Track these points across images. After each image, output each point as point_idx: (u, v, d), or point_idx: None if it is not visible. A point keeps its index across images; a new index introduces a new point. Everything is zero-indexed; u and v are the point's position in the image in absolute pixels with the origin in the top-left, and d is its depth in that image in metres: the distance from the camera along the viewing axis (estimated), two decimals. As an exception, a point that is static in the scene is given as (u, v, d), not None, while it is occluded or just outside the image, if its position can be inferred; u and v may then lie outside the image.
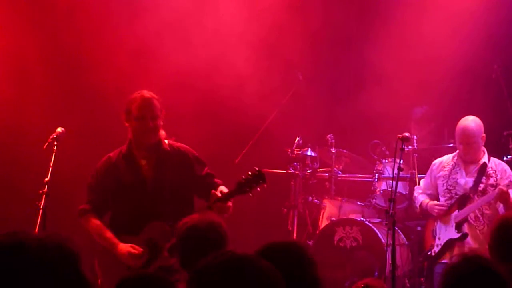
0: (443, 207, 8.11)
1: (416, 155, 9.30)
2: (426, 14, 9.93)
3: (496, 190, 7.81)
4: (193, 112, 9.60)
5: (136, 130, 6.63)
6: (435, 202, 8.22)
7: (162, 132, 6.97)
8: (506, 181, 7.90)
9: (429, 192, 8.40)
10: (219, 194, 6.45)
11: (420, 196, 8.43)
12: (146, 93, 6.66)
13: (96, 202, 6.71)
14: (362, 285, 4.80)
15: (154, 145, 6.70)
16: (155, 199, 6.60)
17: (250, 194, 6.39)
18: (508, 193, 7.73)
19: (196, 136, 9.53)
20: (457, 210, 8.04)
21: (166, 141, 6.84)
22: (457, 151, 8.24)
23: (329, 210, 9.44)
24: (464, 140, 8.09)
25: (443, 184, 8.21)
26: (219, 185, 6.73)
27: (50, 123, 7.26)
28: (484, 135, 8.08)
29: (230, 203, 6.45)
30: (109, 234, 6.58)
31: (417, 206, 8.47)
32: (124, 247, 6.48)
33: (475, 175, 8.09)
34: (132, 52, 9.65)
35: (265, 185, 6.35)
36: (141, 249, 6.46)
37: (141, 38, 9.72)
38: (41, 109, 9.43)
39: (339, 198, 9.52)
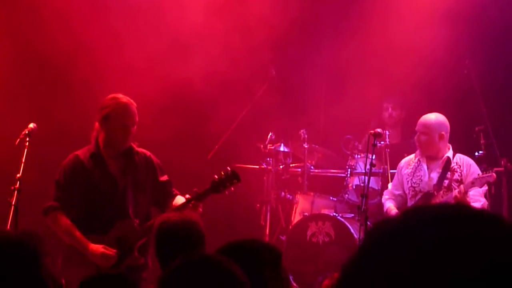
0: None
1: (388, 150, 9.31)
2: (396, 8, 9.96)
3: (452, 194, 7.77)
4: (164, 107, 9.57)
5: (114, 135, 6.69)
6: (396, 210, 8.22)
7: None
8: (466, 182, 7.83)
9: (397, 192, 8.35)
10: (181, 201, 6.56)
11: (387, 202, 8.38)
12: (125, 99, 6.72)
13: (64, 200, 6.68)
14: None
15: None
16: (123, 198, 6.65)
17: (226, 193, 6.54)
18: (462, 197, 7.64)
19: (168, 131, 9.54)
20: None
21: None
22: None
23: (302, 205, 9.45)
24: (418, 129, 8.11)
25: (408, 181, 8.20)
26: (177, 194, 6.86)
27: (22, 118, 7.22)
28: (443, 133, 8.01)
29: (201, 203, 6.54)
30: (79, 234, 6.57)
31: (384, 211, 8.47)
32: (96, 248, 6.49)
33: (439, 170, 8.08)
34: (104, 46, 9.61)
35: (239, 184, 6.54)
36: (113, 250, 6.47)
37: (112, 32, 9.68)
38: (12, 104, 9.37)
39: (312, 193, 9.52)
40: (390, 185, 8.55)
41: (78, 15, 9.70)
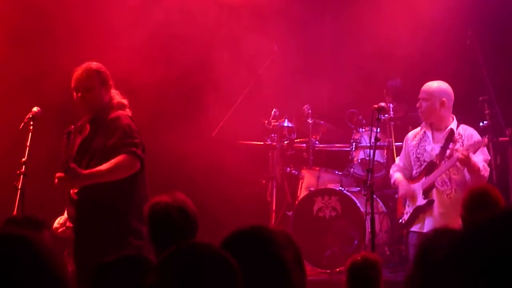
0: (408, 191, 8.04)
1: (393, 123, 9.30)
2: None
3: (455, 155, 7.71)
4: (168, 87, 9.56)
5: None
6: (403, 180, 8.14)
7: (115, 95, 6.51)
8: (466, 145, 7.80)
9: (404, 165, 8.29)
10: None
11: (395, 174, 8.26)
12: (85, 65, 6.47)
13: None
14: (359, 258, 4.81)
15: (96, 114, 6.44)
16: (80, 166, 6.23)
17: None
18: (466, 157, 7.54)
19: (171, 111, 9.53)
20: (424, 177, 7.97)
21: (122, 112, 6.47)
22: None
23: (308, 180, 9.46)
24: (421, 95, 8.01)
25: (413, 153, 8.15)
26: None
27: (26, 102, 7.22)
28: (444, 99, 7.85)
29: (73, 165, 6.11)
30: None
31: (392, 184, 8.41)
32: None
33: (443, 141, 8.03)
34: (104, 30, 9.58)
35: None
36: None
37: (110, 15, 9.67)
38: (15, 89, 9.36)
39: (317, 168, 9.54)
40: (397, 159, 8.50)
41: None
